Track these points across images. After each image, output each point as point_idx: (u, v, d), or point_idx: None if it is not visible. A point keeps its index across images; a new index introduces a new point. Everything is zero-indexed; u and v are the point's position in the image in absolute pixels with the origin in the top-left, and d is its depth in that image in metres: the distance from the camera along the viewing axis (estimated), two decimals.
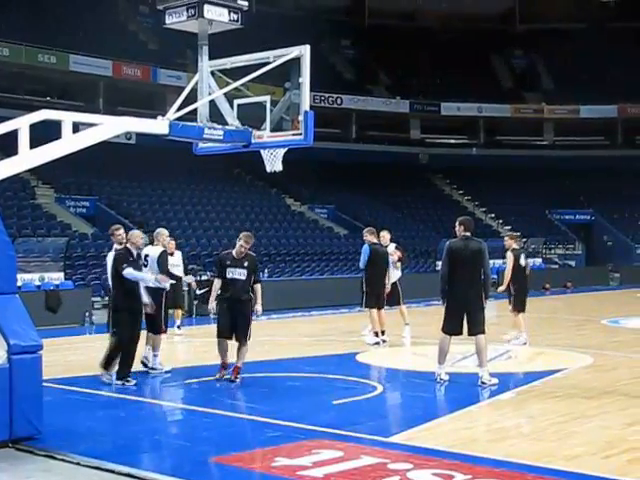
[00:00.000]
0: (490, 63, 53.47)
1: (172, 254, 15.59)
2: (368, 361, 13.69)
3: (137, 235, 11.67)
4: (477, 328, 11.04)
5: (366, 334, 16.22)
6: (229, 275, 11.37)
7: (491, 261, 15.97)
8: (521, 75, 54.38)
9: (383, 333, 15.67)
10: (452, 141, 51.00)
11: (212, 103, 10.05)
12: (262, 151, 10.42)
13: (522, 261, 15.55)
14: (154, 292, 11.94)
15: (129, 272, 11.10)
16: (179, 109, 9.48)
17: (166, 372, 12.34)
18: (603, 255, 41.86)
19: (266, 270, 25.06)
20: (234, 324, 11.37)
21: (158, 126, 9.34)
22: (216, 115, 10.04)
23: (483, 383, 10.97)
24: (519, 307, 15.48)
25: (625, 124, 50.16)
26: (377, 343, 15.50)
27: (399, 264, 16.55)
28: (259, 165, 10.73)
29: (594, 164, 45.16)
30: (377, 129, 48.13)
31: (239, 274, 11.36)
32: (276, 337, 15.75)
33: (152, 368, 12.39)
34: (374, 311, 15.65)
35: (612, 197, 44.47)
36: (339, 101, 45.35)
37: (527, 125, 50.32)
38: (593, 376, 12.08)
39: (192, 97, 9.99)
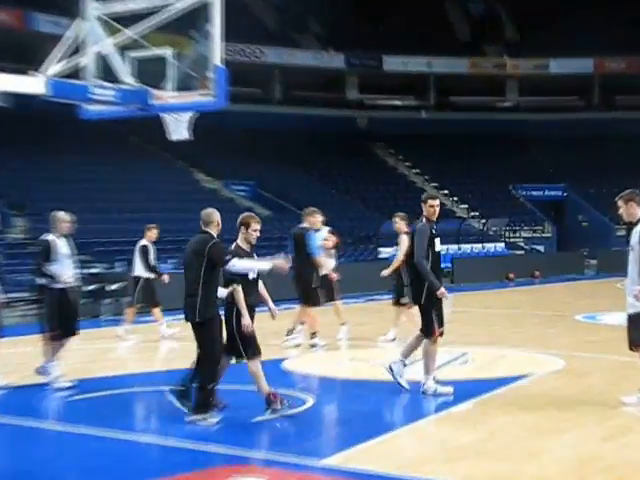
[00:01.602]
0: (443, 9, 53.82)
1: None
2: (296, 369, 13.74)
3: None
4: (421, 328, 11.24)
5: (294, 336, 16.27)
6: (250, 275, 10.27)
7: (445, 246, 16.30)
8: (480, 24, 54.87)
9: (314, 335, 15.74)
10: (397, 103, 51.36)
11: (101, 57, 9.94)
12: (164, 115, 10.36)
13: None
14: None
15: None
16: (59, 63, 9.36)
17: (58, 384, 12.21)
18: (577, 238, 42.56)
19: (169, 261, 24.89)
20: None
21: (33, 84, 9.21)
22: (106, 71, 9.94)
23: (423, 393, 11.12)
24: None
25: (603, 81, 50.94)
26: (298, 345, 15.64)
27: (333, 251, 16.64)
28: (162, 133, 10.66)
29: (566, 130, 45.89)
30: (306, 88, 48.24)
31: (255, 272, 10.35)
32: (184, 341, 15.60)
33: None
34: (304, 308, 15.76)
35: (588, 169, 45.17)
36: (259, 54, 45.29)
37: (487, 83, 50.88)
38: (564, 382, 12.31)
39: (77, 49, 9.87)
